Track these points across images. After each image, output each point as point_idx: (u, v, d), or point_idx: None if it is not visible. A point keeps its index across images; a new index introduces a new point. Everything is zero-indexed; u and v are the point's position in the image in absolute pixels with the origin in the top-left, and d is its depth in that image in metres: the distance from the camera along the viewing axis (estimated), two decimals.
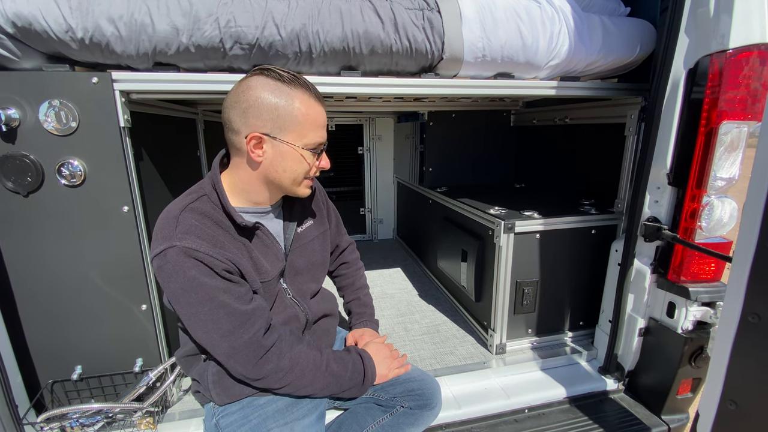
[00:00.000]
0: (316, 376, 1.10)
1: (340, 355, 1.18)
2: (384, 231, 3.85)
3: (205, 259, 0.96)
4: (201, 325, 0.99)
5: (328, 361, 1.13)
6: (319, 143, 1.07)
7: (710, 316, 1.38)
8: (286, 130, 1.02)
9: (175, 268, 0.95)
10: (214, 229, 1.02)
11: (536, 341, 1.88)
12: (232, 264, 1.01)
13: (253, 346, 1.01)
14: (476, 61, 1.48)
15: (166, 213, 1.03)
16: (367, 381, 1.18)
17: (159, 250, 0.96)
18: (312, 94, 1.04)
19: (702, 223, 1.34)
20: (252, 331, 1.01)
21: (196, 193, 1.07)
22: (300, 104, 1.01)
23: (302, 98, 1.01)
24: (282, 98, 1.00)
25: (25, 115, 1.18)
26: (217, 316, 0.98)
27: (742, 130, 1.26)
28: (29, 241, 1.26)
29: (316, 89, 1.07)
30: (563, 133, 2.30)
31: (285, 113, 1.00)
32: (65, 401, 1.39)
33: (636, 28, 1.62)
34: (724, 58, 1.21)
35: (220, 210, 1.06)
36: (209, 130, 2.32)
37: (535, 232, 1.73)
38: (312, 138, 1.05)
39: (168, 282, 0.97)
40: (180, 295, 0.97)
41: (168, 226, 0.98)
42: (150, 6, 1.21)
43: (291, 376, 1.06)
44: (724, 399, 0.95)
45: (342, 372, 1.14)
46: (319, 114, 1.06)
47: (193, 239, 0.96)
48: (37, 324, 1.32)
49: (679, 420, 1.51)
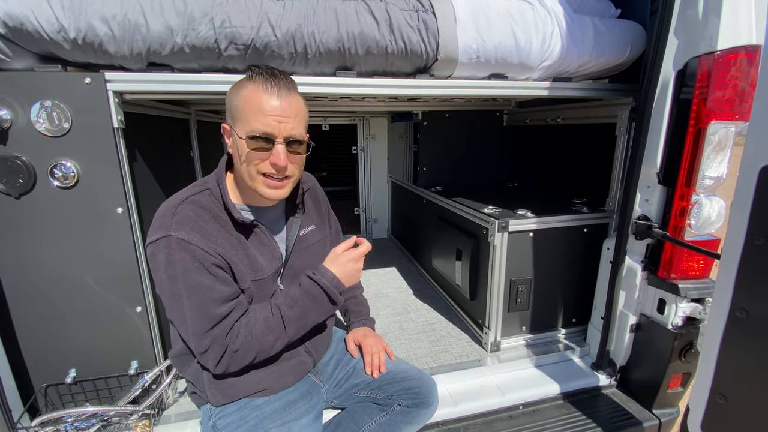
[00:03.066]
0: (277, 332, 1.07)
1: (291, 294, 1.12)
2: (378, 231, 3.85)
3: (195, 252, 0.98)
4: (179, 316, 1.02)
5: (281, 310, 1.09)
6: (263, 132, 1.00)
7: (699, 312, 1.41)
8: (235, 119, 1.05)
9: (166, 257, 0.98)
10: (210, 223, 1.04)
11: (530, 338, 1.90)
12: (223, 259, 1.03)
13: (217, 347, 1.02)
14: (470, 62, 1.49)
15: (166, 203, 1.05)
16: (332, 293, 1.12)
17: (154, 238, 0.99)
18: (266, 85, 1.01)
19: (691, 221, 1.37)
20: (218, 330, 1.02)
21: (199, 186, 1.10)
22: (246, 92, 1.02)
23: (252, 87, 1.02)
24: (236, 87, 1.05)
25: (17, 116, 1.17)
26: (192, 313, 1.00)
27: (730, 129, 1.28)
28: (22, 244, 1.24)
29: (281, 81, 1.03)
30: (555, 132, 2.32)
31: (234, 103, 1.04)
32: (59, 405, 1.37)
33: (626, 29, 1.65)
34: (713, 59, 1.23)
35: (221, 204, 1.08)
36: (202, 131, 2.30)
37: (529, 230, 1.75)
38: (253, 125, 1.00)
39: (157, 270, 1.00)
40: (165, 284, 1.00)
41: (165, 216, 1.01)
42: (144, 6, 1.20)
43: (252, 350, 1.05)
44: (714, 393, 0.97)
45: (301, 311, 1.10)
46: (263, 101, 1.00)
47: (186, 231, 0.99)
48: (30, 327, 1.30)
49: (670, 414, 1.54)
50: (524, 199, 2.16)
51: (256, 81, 1.02)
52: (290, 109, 1.03)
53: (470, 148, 2.78)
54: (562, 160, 2.29)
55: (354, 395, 1.29)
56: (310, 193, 1.34)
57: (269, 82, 1.01)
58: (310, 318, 1.13)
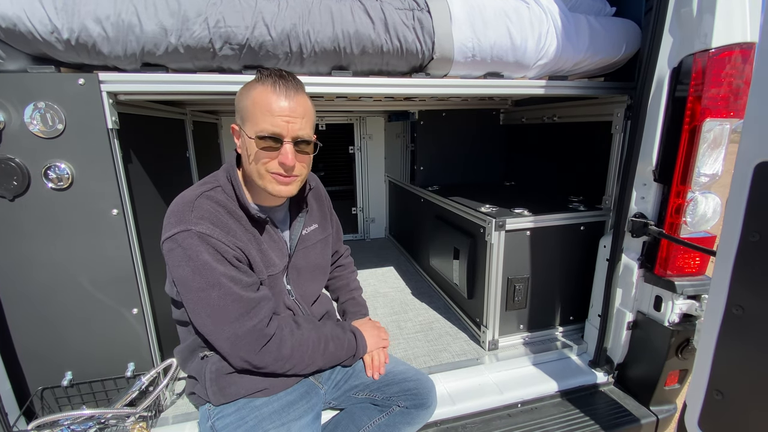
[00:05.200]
0: (315, 357, 1.17)
1: (337, 334, 1.25)
2: (376, 230, 3.85)
3: (217, 246, 1.00)
4: (207, 309, 1.01)
5: (327, 342, 1.20)
6: (271, 132, 1.02)
7: (696, 309, 1.42)
8: (245, 120, 1.06)
9: (188, 251, 0.98)
10: (227, 218, 1.06)
11: (528, 337, 1.90)
12: (242, 253, 1.05)
13: (256, 334, 1.04)
14: (466, 60, 1.49)
15: (180, 198, 1.06)
16: (358, 355, 1.29)
17: (172, 233, 0.99)
18: (274, 86, 1.03)
19: (687, 218, 1.37)
20: (257, 319, 1.04)
21: (210, 183, 1.11)
22: (255, 93, 1.04)
23: (261, 89, 1.04)
24: (245, 89, 1.06)
25: (10, 118, 1.16)
26: (225, 302, 1.00)
27: (725, 127, 1.29)
28: (16, 246, 1.23)
29: (289, 83, 1.05)
30: (552, 131, 2.32)
31: (244, 104, 1.06)
32: (56, 408, 1.36)
33: (622, 27, 1.65)
34: (707, 56, 1.24)
35: (234, 201, 1.10)
36: (198, 131, 2.29)
37: (526, 229, 1.75)
38: (262, 126, 1.02)
39: (179, 265, 0.99)
40: (190, 279, 0.99)
41: (183, 211, 1.01)
42: (137, 6, 1.19)
43: (292, 362, 1.12)
44: (711, 389, 0.98)
45: (338, 351, 1.24)
46: (272, 102, 1.02)
47: (207, 225, 1.00)
48: (25, 330, 1.30)
49: (667, 410, 1.55)
50: (521, 197, 2.16)
51: (265, 82, 1.04)
52: (298, 110, 1.05)
53: (467, 147, 2.78)
54: (559, 159, 2.29)
55: (353, 396, 1.29)
56: (313, 192, 1.35)
57: (278, 84, 1.04)
58: (339, 357, 1.26)
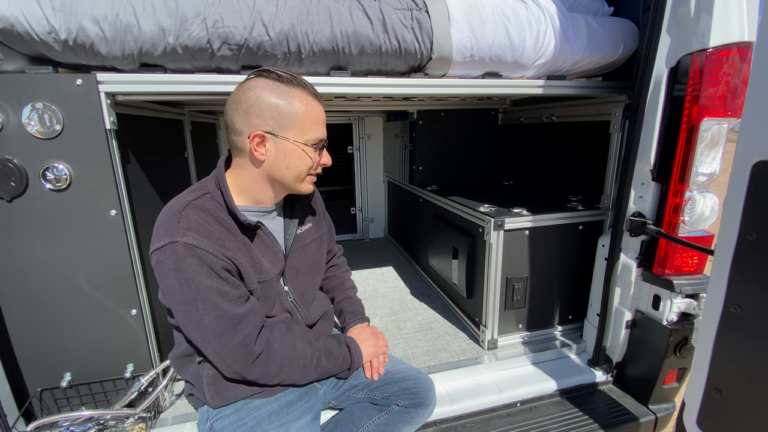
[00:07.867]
0: (306, 373, 1.16)
1: (330, 349, 1.22)
2: (375, 230, 3.85)
3: (205, 257, 0.98)
4: (194, 323, 1.00)
5: (319, 358, 1.18)
6: (319, 139, 1.10)
7: (694, 308, 1.42)
8: (287, 128, 1.05)
9: (175, 263, 0.96)
10: (215, 227, 1.04)
11: (527, 336, 1.91)
12: (231, 263, 1.03)
13: (242, 351, 1.04)
14: (465, 60, 1.49)
15: (168, 208, 1.04)
16: (353, 369, 1.27)
17: (160, 244, 0.97)
18: (310, 93, 1.08)
19: (685, 217, 1.38)
20: (241, 335, 1.03)
21: (199, 190, 1.08)
22: (299, 102, 1.05)
23: (301, 96, 1.05)
24: (282, 97, 1.03)
25: (8, 119, 1.15)
26: (210, 316, 0.99)
27: (723, 126, 1.29)
28: (15, 247, 1.23)
29: (314, 88, 1.10)
30: (550, 130, 2.33)
31: (286, 111, 1.03)
32: (55, 409, 1.36)
33: (619, 27, 1.65)
34: (705, 56, 1.24)
35: (224, 208, 1.07)
36: (196, 131, 2.29)
37: (525, 228, 1.75)
38: (312, 134, 1.08)
39: (166, 277, 0.98)
40: (176, 291, 0.98)
41: (170, 222, 0.99)
42: (135, 6, 1.19)
43: (281, 377, 1.11)
44: (709, 388, 0.98)
45: (331, 367, 1.21)
46: (317, 111, 1.09)
47: (194, 235, 0.98)
48: (24, 331, 1.29)
49: (666, 409, 1.55)
50: (520, 197, 2.16)
51: (304, 90, 1.06)
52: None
53: (466, 147, 2.78)
54: (557, 158, 2.29)
55: (352, 396, 1.28)
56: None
57: (314, 91, 1.09)
58: (332, 371, 1.24)
